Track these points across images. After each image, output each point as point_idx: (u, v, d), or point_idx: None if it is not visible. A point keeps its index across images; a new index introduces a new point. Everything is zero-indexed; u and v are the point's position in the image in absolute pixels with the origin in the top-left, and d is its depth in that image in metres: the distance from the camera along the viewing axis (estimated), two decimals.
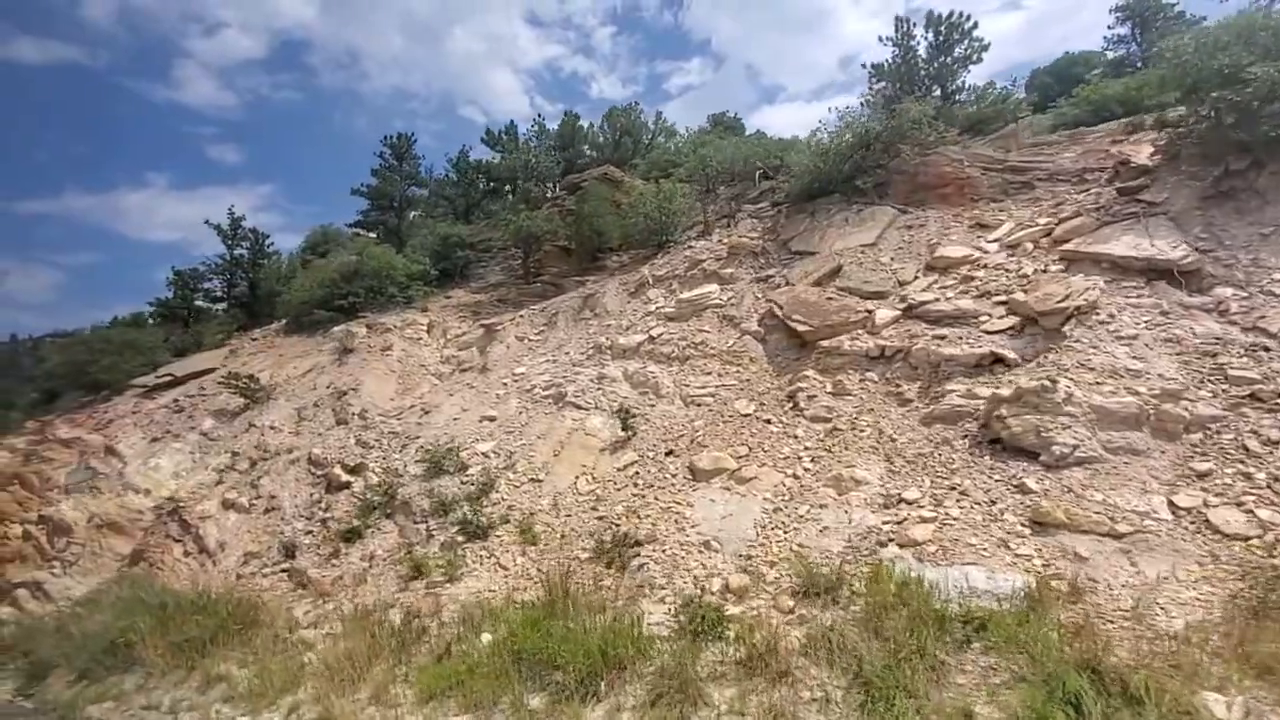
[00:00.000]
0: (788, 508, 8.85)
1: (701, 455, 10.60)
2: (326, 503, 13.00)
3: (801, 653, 5.84)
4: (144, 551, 12.24)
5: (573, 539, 9.73)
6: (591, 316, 17.99)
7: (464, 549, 10.16)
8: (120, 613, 9.20)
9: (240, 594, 10.00)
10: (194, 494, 14.37)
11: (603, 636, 6.29)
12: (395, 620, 8.20)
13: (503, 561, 9.62)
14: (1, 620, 12.86)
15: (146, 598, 9.25)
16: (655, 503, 9.90)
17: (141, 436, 17.96)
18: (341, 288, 25.21)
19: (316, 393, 17.81)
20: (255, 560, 11.93)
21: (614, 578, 8.27)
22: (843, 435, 9.97)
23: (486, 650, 6.90)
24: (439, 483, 12.23)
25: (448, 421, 14.95)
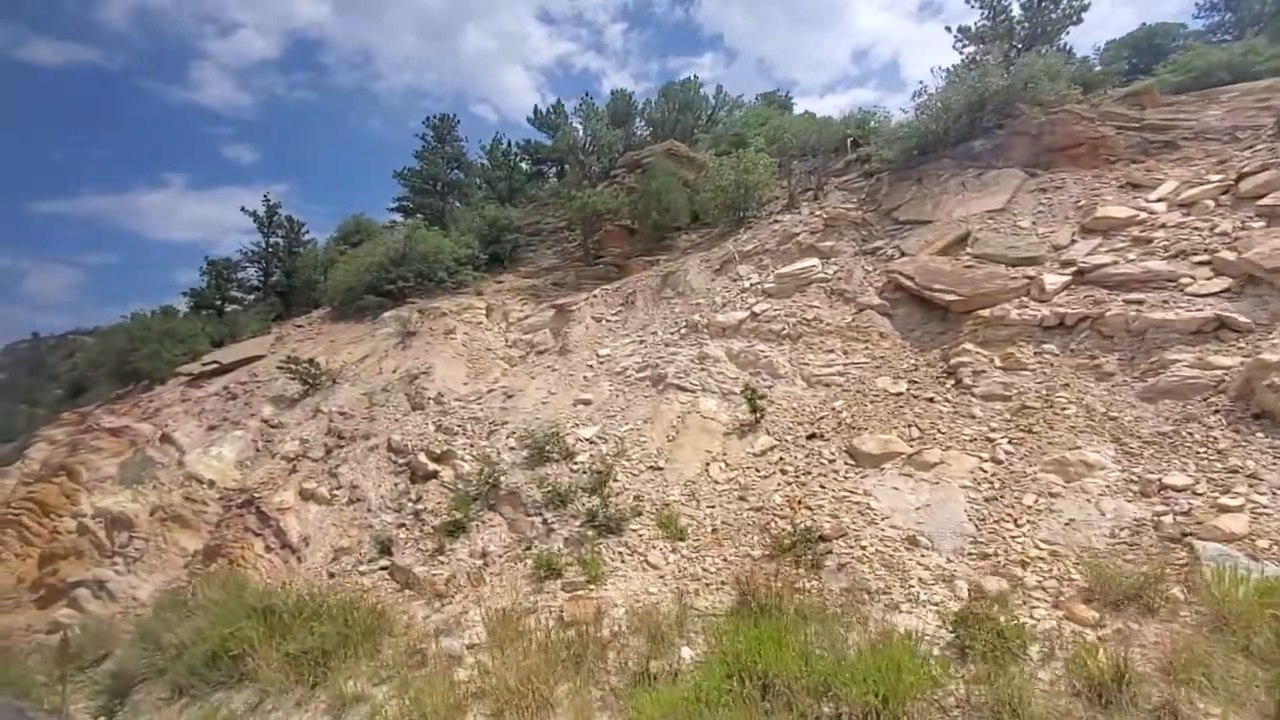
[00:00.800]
0: (1004, 497, 7.43)
1: (863, 439, 9.19)
2: (416, 493, 11.69)
3: (1167, 679, 4.45)
4: (220, 547, 10.99)
5: (730, 533, 8.35)
6: (674, 295, 16.60)
7: (596, 545, 8.81)
8: (217, 617, 7.90)
9: (343, 595, 8.67)
10: (265, 484, 13.10)
11: (868, 656, 4.90)
12: (548, 628, 6.83)
13: (651, 559, 8.25)
14: (61, 623, 11.64)
15: (250, 600, 7.94)
16: (823, 492, 8.50)
17: (198, 424, 16.74)
18: (390, 272, 24.00)
19: (383, 377, 16.52)
20: (347, 557, 10.64)
21: (806, 578, 6.88)
22: (1039, 414, 8.53)
23: (697, 669, 5.54)
24: (546, 471, 10.89)
25: (535, 405, 13.61)
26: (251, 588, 9.05)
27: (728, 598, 6.91)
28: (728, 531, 8.47)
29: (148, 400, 21.91)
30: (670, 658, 5.86)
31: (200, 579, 10.33)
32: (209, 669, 7.21)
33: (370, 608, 7.77)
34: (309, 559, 10.96)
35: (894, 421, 9.46)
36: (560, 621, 7.14)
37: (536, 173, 30.37)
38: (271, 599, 7.95)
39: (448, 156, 29.60)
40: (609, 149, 22.85)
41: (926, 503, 7.68)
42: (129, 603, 11.99)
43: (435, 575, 9.27)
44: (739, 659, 5.18)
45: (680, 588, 7.45)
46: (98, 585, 11.96)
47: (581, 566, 8.46)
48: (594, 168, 22.75)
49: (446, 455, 12.51)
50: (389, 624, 7.79)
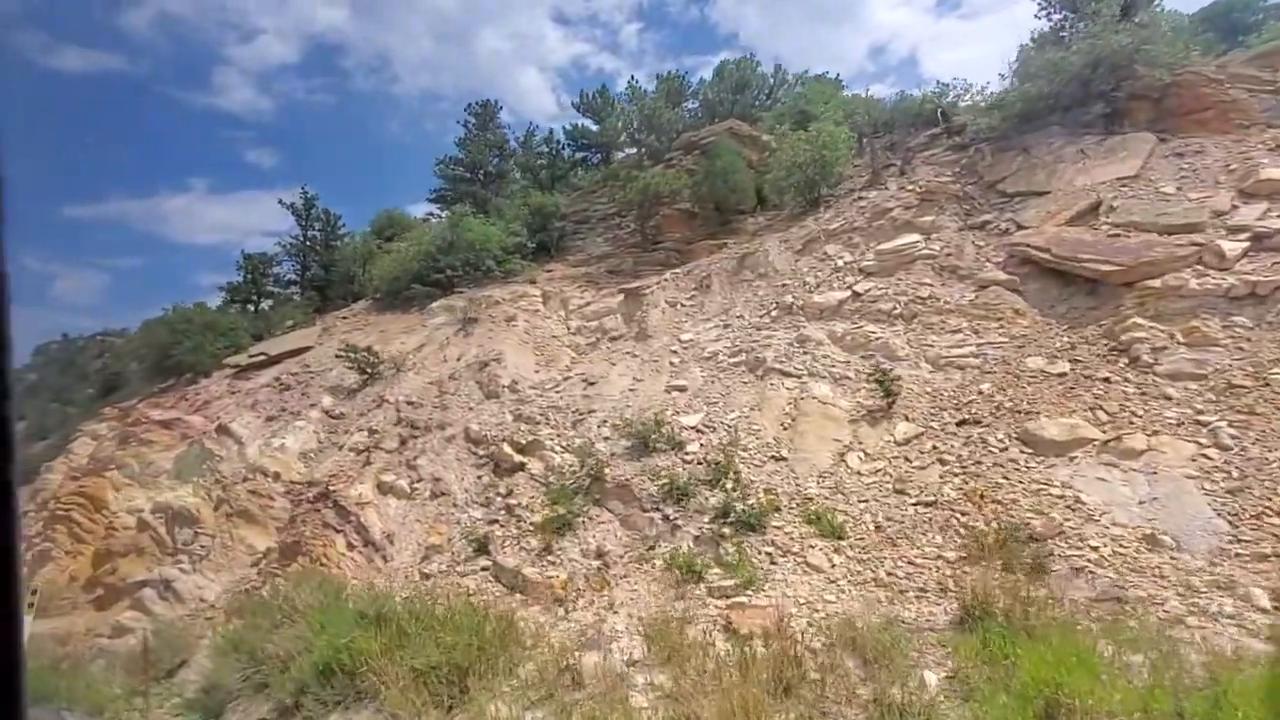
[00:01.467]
0: (1252, 488, 6.21)
1: (1039, 424, 8.00)
2: (505, 487, 10.65)
3: None
4: (298, 544, 10.01)
5: (902, 532, 7.20)
6: (755, 278, 15.45)
7: (738, 544, 7.69)
8: (321, 625, 6.88)
9: (454, 600, 7.62)
10: (336, 476, 12.12)
11: (1224, 682, 3.75)
12: (716, 641, 5.72)
13: (811, 561, 7.12)
14: (126, 626, 10.72)
15: (359, 606, 6.91)
16: (1009, 484, 7.33)
17: (254, 415, 15.84)
18: (438, 261, 23.05)
19: (449, 365, 15.53)
20: (439, 556, 9.60)
21: (1030, 584, 5.71)
22: (1254, 394, 7.29)
23: (966, 699, 4.40)
24: (654, 462, 9.79)
25: (622, 393, 12.52)
26: (349, 591, 8.03)
27: (936, 608, 5.76)
28: (896, 530, 7.31)
29: (194, 393, 21.10)
30: (909, 683, 4.73)
31: (285, 580, 9.34)
32: (321, 685, 6.18)
33: (500, 616, 6.69)
34: (396, 558, 9.95)
35: (1069, 405, 8.25)
36: (730, 633, 6.02)
37: (580, 160, 29.28)
38: (381, 604, 6.90)
39: (490, 144, 28.62)
40: (667, 129, 21.69)
41: (1151, 496, 6.49)
42: (196, 604, 11.05)
43: (550, 577, 8.19)
44: (1038, 687, 4.04)
45: (866, 596, 6.31)
46: (163, 585, 11.03)
47: (725, 569, 7.36)
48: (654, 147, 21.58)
49: (532, 446, 11.46)
50: (516, 634, 6.71)
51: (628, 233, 23.31)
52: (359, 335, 21.34)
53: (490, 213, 26.85)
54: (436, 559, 9.57)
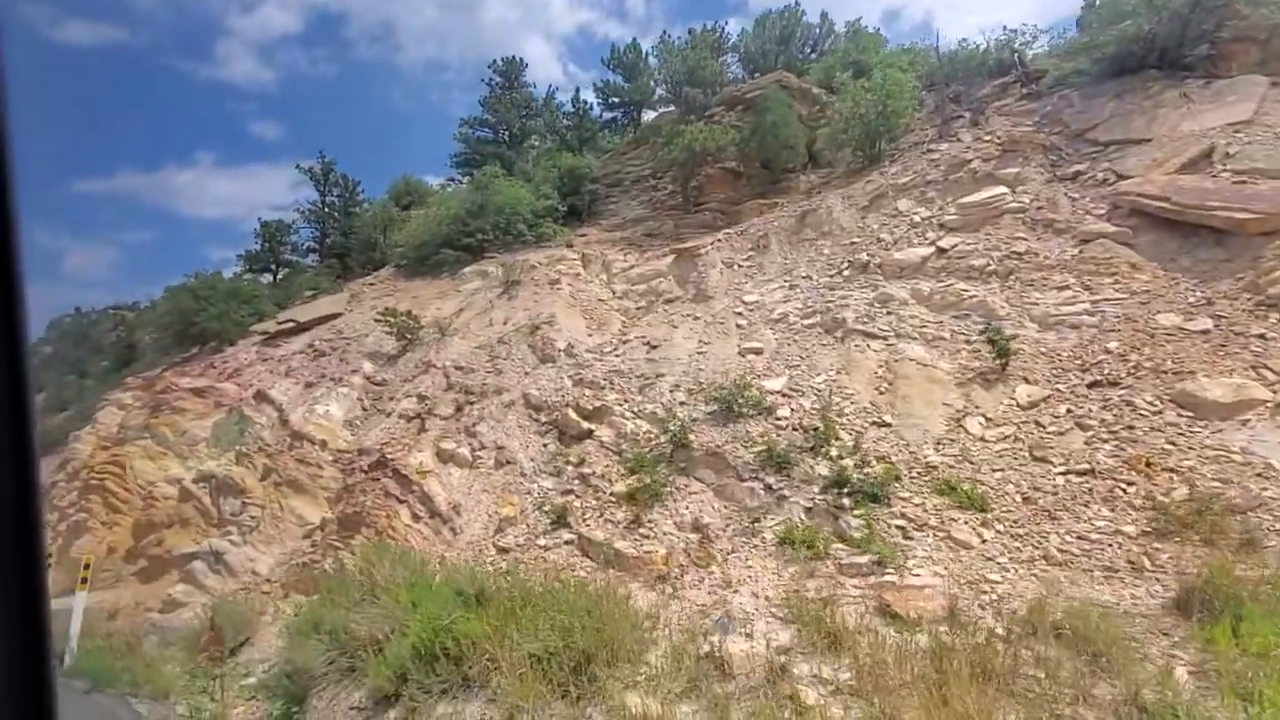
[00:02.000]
0: None
1: (1199, 384, 7.13)
2: (576, 455, 9.89)
3: None
4: (360, 514, 9.30)
5: (1058, 503, 6.40)
6: (818, 236, 14.48)
7: (863, 517, 6.90)
8: (412, 603, 6.16)
9: (553, 577, 6.90)
10: (389, 444, 11.39)
11: None
12: (873, 625, 4.96)
13: (956, 535, 6.35)
14: (178, 600, 10.11)
15: (457, 583, 6.17)
16: (1178, 450, 6.51)
17: (293, 382, 15.10)
18: (468, 224, 22.09)
19: (495, 329, 14.69)
20: (514, 528, 8.88)
21: (1244, 562, 4.91)
22: None
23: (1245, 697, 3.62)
24: (743, 428, 9.00)
25: (690, 357, 11.68)
26: (433, 565, 7.31)
27: (1138, 589, 4.97)
28: (1051, 501, 6.52)
29: (221, 361, 20.39)
30: (1153, 677, 3.96)
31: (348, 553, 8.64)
32: (423, 671, 5.46)
33: (609, 594, 5.95)
34: (465, 530, 9.24)
35: (1225, 364, 7.38)
36: (891, 617, 5.26)
37: (610, 121, 27.99)
38: (480, 581, 6.16)
39: (516, 103, 27.35)
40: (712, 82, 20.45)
41: None
42: (249, 577, 10.43)
43: (648, 552, 7.45)
44: None
45: (1040, 575, 5.53)
46: (214, 557, 10.40)
47: (851, 544, 6.59)
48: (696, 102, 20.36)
49: (599, 413, 10.67)
50: (630, 614, 5.98)
51: (666, 194, 22.25)
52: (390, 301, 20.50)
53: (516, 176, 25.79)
54: (511, 531, 8.85)
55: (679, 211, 20.69)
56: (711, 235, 16.32)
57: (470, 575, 6.33)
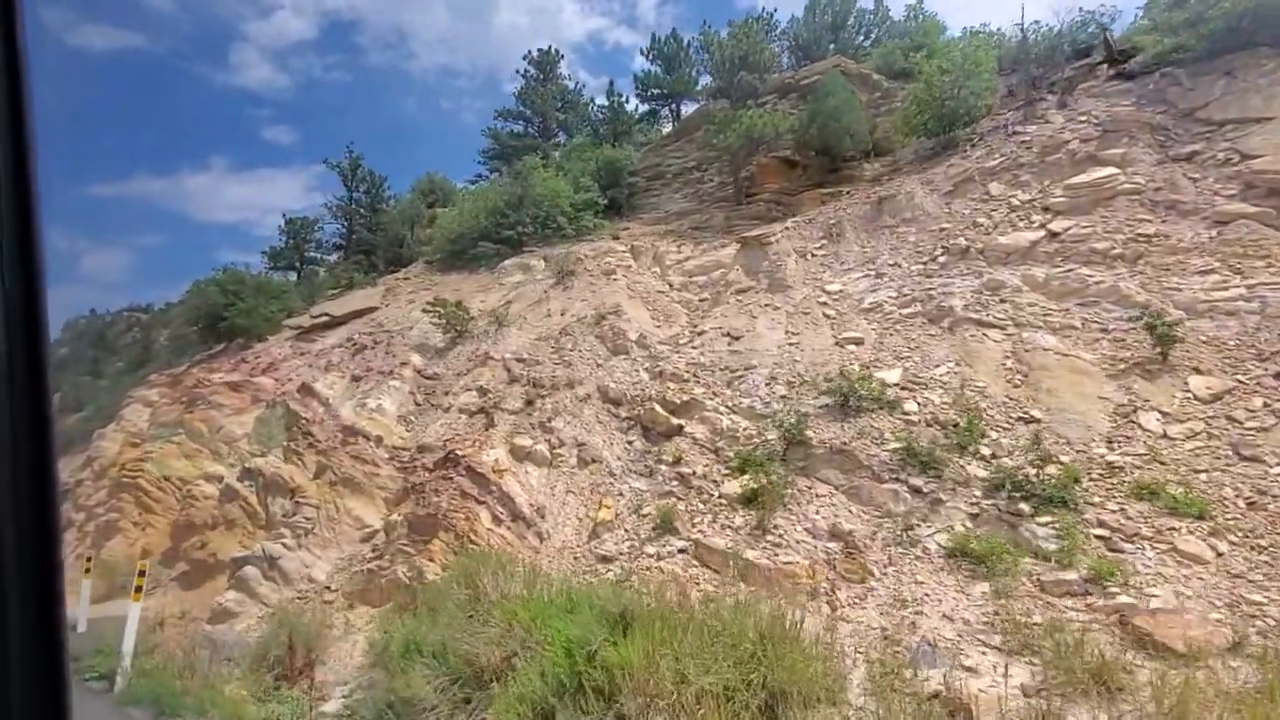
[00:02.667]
0: None
1: None
2: (669, 453, 8.90)
3: None
4: (436, 517, 8.29)
5: None
6: (899, 223, 13.47)
7: (1045, 525, 5.86)
8: (533, 621, 5.15)
9: (655, 585, 5.88)
10: (452, 440, 10.42)
11: None
12: (1143, 664, 3.91)
13: (1185, 548, 5.29)
14: (230, 610, 9.13)
15: (603, 602, 5.15)
16: None
17: (339, 376, 14.16)
18: (507, 216, 21.22)
19: (554, 320, 13.74)
20: (612, 533, 7.88)
21: None
22: None
23: None
24: (867, 424, 8.00)
25: (780, 348, 10.68)
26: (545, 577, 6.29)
27: None
28: (1278, 505, 5.45)
29: (253, 356, 19.53)
30: None
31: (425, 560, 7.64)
32: (571, 709, 4.45)
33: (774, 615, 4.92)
34: (553, 534, 8.23)
35: None
36: (1149, 648, 4.22)
37: (649, 113, 27.10)
38: (623, 599, 5.15)
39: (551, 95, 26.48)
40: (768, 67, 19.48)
41: None
42: (305, 584, 9.44)
43: (788, 563, 6.42)
44: None
45: None
46: (268, 562, 9.41)
47: (1042, 557, 5.54)
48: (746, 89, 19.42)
49: (688, 407, 9.67)
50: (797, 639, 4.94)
51: (713, 186, 21.32)
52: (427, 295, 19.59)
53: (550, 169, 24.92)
54: (609, 537, 7.84)
55: (728, 203, 19.73)
56: (773, 225, 15.32)
57: (612, 593, 5.29)
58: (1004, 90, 16.29)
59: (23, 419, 0.93)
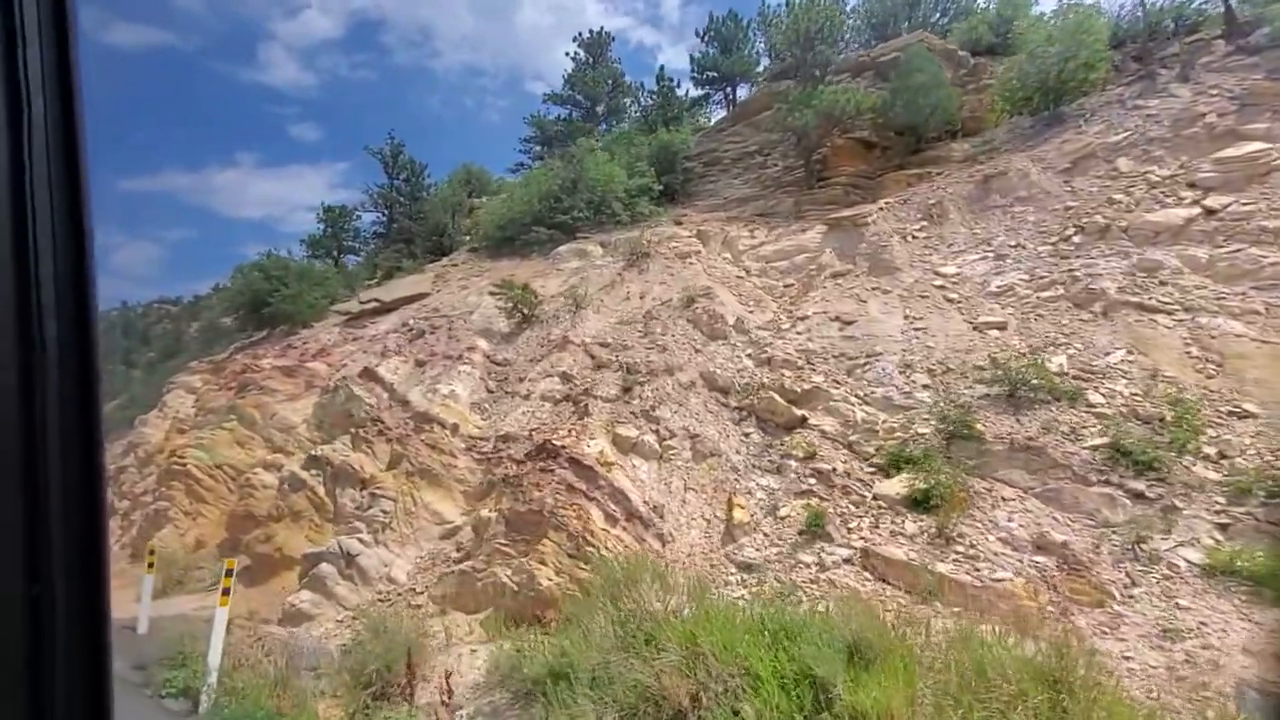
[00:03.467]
0: None
1: None
2: (799, 447, 7.81)
3: None
4: (542, 514, 7.26)
5: None
6: (1012, 202, 12.26)
7: None
8: (724, 647, 4.09)
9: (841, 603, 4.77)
10: (542, 429, 9.40)
11: None
12: None
13: None
14: (303, 612, 8.17)
15: (839, 630, 4.07)
16: None
17: (401, 360, 13.23)
18: (562, 201, 20.26)
19: (633, 304, 12.70)
20: (749, 536, 6.80)
21: None
22: None
23: None
24: (1047, 416, 6.81)
25: (904, 334, 9.53)
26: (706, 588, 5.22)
27: None
28: None
29: (301, 342, 18.72)
30: None
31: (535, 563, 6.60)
32: None
33: (1059, 654, 3.80)
34: (678, 537, 7.17)
35: None
36: None
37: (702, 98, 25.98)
38: (862, 627, 4.06)
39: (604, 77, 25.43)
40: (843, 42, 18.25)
41: None
42: (384, 585, 8.47)
43: (997, 580, 5.29)
44: None
45: None
46: (344, 560, 8.45)
47: None
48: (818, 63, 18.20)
49: (810, 397, 8.56)
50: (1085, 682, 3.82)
51: (778, 171, 20.12)
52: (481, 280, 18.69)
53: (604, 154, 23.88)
54: (746, 541, 6.76)
55: (797, 188, 18.54)
56: (864, 207, 14.13)
57: (852, 620, 4.19)
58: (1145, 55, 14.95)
59: (72, 405, 0.93)
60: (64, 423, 0.92)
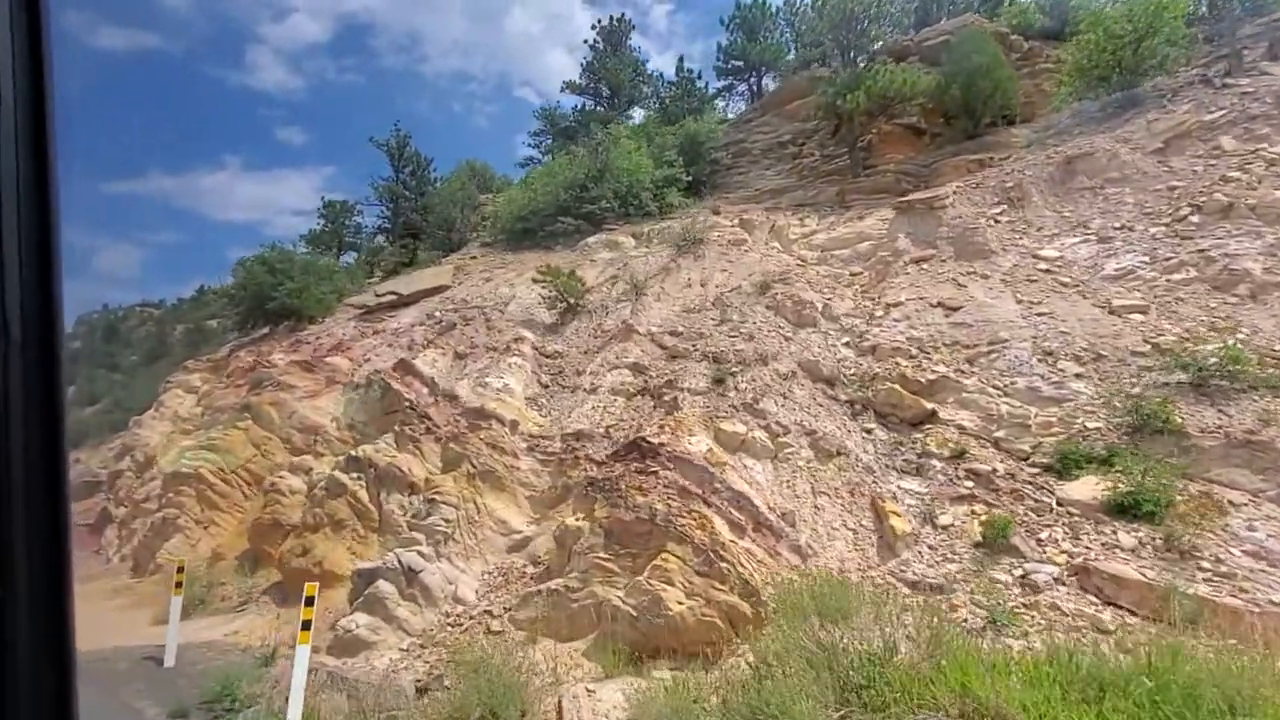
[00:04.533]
0: None
1: None
2: (940, 445, 6.68)
3: None
4: (654, 523, 6.08)
5: None
6: (1103, 183, 11.36)
7: None
8: (1028, 709, 2.98)
9: None
10: (619, 425, 8.23)
11: None
12: None
13: None
14: (361, 639, 6.90)
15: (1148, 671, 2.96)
16: None
17: (439, 353, 11.97)
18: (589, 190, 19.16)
19: (694, 291, 11.58)
20: (911, 549, 5.68)
21: None
22: None
23: None
24: (1262, 408, 5.76)
25: (1025, 319, 8.53)
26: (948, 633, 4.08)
27: None
28: None
29: (313, 338, 17.34)
30: None
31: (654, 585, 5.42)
32: None
33: None
34: (820, 550, 6.02)
35: None
36: None
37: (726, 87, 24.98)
38: (1175, 670, 2.96)
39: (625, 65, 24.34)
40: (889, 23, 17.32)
41: None
42: (450, 605, 7.23)
43: (1275, 603, 4.21)
44: None
45: None
46: (405, 576, 7.19)
47: None
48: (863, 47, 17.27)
49: (938, 387, 7.50)
50: None
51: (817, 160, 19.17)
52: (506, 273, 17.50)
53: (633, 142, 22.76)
54: (909, 555, 5.63)
55: (840, 177, 17.58)
56: (939, 190, 13.15)
57: (1232, 674, 3.07)
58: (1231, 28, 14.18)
59: (35, 412, 0.93)
60: (28, 425, 0.91)
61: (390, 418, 10.43)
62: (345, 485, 8.88)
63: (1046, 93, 16.02)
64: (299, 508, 9.75)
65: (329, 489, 8.97)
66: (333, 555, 8.36)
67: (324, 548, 8.43)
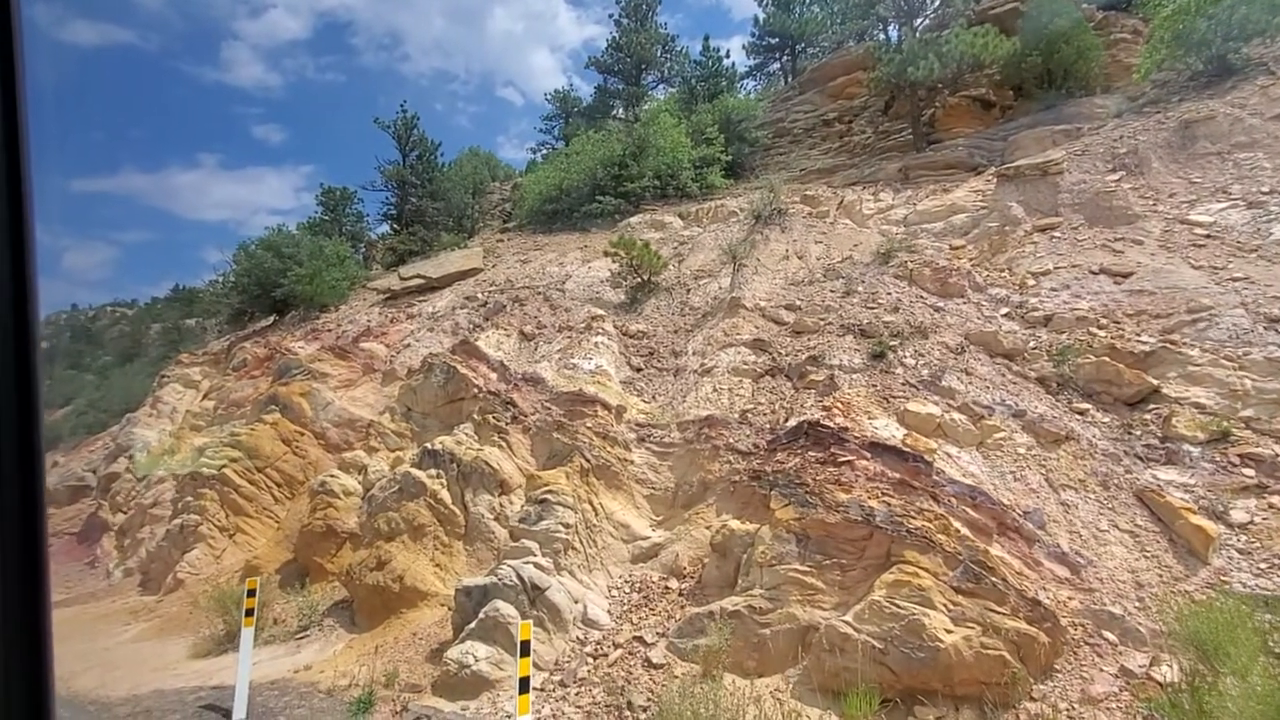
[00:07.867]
0: None
1: None
2: (1193, 426, 5.45)
3: None
4: (896, 525, 4.72)
5: None
6: (1228, 148, 10.42)
7: None
8: None
9: None
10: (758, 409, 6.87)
11: None
12: None
13: None
14: (466, 681, 5.44)
15: None
16: None
17: (503, 334, 10.47)
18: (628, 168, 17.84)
19: (791, 264, 10.28)
20: (1227, 558, 4.40)
21: None
22: None
23: None
24: None
25: (1219, 284, 7.38)
26: None
27: None
28: None
29: (334, 324, 15.74)
30: None
31: (972, 610, 4.09)
32: None
33: None
34: (1091, 561, 4.73)
35: None
36: None
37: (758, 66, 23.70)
38: None
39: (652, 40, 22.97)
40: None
41: None
42: (580, 630, 5.80)
43: None
44: None
45: None
46: (527, 595, 5.73)
47: None
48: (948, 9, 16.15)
49: (1154, 360, 6.29)
50: None
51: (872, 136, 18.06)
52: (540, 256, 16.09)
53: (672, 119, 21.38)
54: (1222, 563, 4.36)
55: (898, 153, 16.44)
56: (1048, 154, 12.01)
57: None
58: None
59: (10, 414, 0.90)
60: (2, 427, 0.88)
61: (454, 406, 8.94)
62: (424, 484, 7.37)
63: (1122, 63, 15.04)
64: (354, 511, 8.22)
65: (404, 489, 7.45)
66: (414, 568, 6.86)
67: (404, 559, 6.92)
